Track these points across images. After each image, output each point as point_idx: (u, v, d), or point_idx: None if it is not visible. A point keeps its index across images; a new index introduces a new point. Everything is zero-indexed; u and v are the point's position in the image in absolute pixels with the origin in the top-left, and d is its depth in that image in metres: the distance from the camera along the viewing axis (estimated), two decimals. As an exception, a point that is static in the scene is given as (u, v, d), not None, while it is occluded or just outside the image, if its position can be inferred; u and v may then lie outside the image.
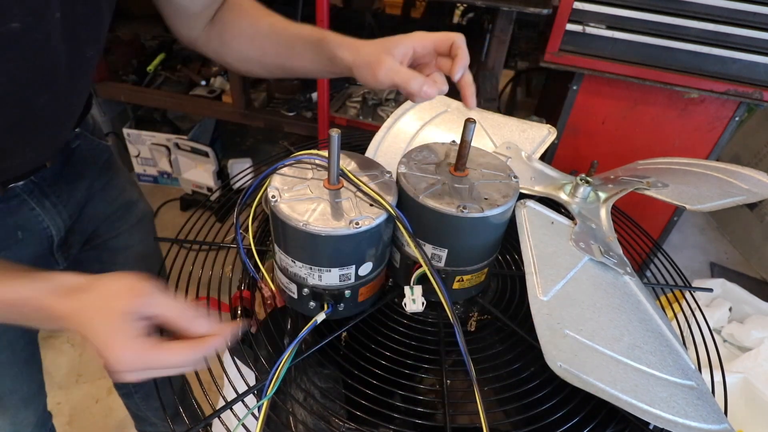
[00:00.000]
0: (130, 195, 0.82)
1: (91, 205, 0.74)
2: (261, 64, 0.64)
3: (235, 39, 0.64)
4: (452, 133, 0.77)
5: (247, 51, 0.64)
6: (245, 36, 0.63)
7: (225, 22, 0.64)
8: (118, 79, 1.88)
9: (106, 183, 0.76)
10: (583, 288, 0.54)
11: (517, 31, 1.97)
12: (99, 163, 0.74)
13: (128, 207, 0.81)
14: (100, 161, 0.74)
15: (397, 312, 0.61)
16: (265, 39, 0.62)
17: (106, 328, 0.39)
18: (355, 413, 0.51)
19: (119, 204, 0.79)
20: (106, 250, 0.80)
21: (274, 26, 0.62)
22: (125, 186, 0.81)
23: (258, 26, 0.63)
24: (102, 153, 0.75)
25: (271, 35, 0.62)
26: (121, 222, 0.80)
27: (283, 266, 0.53)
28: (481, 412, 0.45)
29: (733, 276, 1.99)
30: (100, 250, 0.79)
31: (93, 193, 0.74)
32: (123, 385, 1.01)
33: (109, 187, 0.77)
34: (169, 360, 0.40)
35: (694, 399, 0.46)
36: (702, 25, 1.13)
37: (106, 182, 0.76)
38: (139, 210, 0.84)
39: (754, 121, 2.16)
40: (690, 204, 0.64)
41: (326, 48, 0.57)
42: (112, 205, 0.78)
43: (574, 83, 1.29)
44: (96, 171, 0.73)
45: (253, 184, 0.57)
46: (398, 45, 0.52)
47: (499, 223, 0.54)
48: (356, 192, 0.51)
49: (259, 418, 0.46)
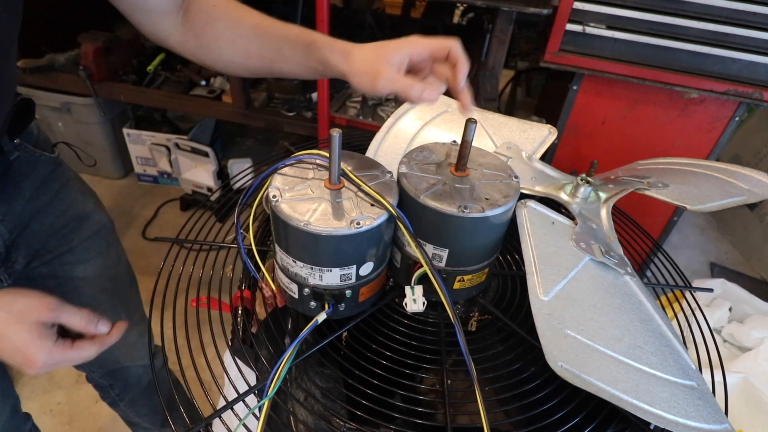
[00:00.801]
0: (82, 207, 0.78)
1: (37, 220, 0.71)
2: (245, 66, 0.62)
3: (214, 42, 0.61)
4: (453, 133, 0.77)
5: (229, 54, 0.61)
6: (225, 39, 0.61)
7: (199, 24, 0.61)
8: (118, 79, 1.88)
9: (53, 196, 0.73)
10: (584, 288, 0.54)
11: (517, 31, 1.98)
12: (42, 176, 0.71)
13: (81, 220, 0.78)
14: (42, 174, 0.71)
15: (398, 312, 0.61)
16: (249, 41, 0.60)
17: (25, 339, 0.50)
18: (355, 413, 0.51)
19: (70, 216, 0.76)
20: (61, 265, 0.77)
21: (258, 28, 0.60)
22: (77, 198, 0.77)
23: (239, 29, 0.60)
24: (45, 165, 0.71)
25: (254, 37, 0.60)
26: (73, 235, 0.77)
27: (284, 266, 0.53)
28: (482, 412, 0.45)
29: (733, 276, 1.99)
30: (54, 265, 0.76)
31: (39, 207, 0.71)
32: (107, 395, 1.00)
33: (56, 201, 0.73)
34: (79, 357, 0.54)
35: (694, 399, 0.46)
36: (702, 25, 1.13)
37: (52, 195, 0.73)
38: (94, 222, 0.81)
39: (754, 121, 2.16)
40: (690, 204, 0.65)
41: (317, 52, 0.56)
42: (61, 218, 0.74)
43: (574, 83, 1.29)
44: (38, 184, 0.70)
45: (254, 183, 0.57)
46: (395, 53, 0.52)
47: (499, 223, 0.54)
48: (357, 192, 0.51)
49: (260, 418, 0.46)
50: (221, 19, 0.61)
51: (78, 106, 1.98)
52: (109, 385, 0.97)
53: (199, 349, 0.54)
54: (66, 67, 1.84)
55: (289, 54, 0.58)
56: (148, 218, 2.08)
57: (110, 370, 0.94)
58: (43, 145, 0.72)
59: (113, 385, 0.97)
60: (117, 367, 0.93)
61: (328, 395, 0.54)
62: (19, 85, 1.98)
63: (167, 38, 0.63)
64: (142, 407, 1.04)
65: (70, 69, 1.83)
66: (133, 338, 0.92)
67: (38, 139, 0.71)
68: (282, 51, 0.59)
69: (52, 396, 1.45)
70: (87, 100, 1.95)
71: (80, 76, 1.77)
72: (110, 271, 0.85)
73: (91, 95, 1.86)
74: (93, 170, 2.24)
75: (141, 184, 2.27)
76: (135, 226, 2.03)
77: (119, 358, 0.92)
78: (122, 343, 0.89)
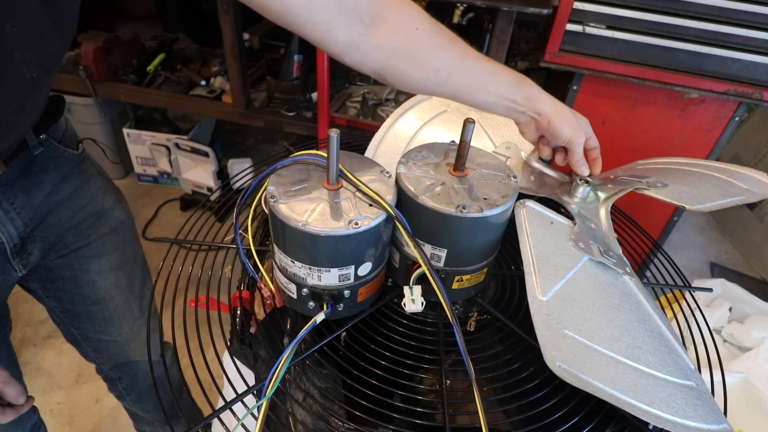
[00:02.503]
0: (102, 203, 0.80)
1: (55, 214, 0.72)
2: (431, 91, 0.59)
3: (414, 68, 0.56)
4: (451, 133, 0.77)
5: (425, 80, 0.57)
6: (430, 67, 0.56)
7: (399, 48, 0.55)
8: (118, 79, 1.89)
9: (73, 192, 0.74)
10: (583, 288, 0.54)
11: (517, 31, 1.97)
12: (64, 171, 0.72)
13: (100, 216, 0.79)
14: (65, 170, 0.72)
15: (397, 312, 0.61)
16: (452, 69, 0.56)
17: None
18: (354, 413, 0.51)
19: (88, 212, 0.77)
20: (78, 258, 0.79)
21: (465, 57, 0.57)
22: (97, 194, 0.79)
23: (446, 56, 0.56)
24: (68, 162, 0.73)
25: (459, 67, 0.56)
26: (90, 231, 0.79)
27: (283, 266, 0.53)
28: (481, 412, 0.45)
29: (733, 276, 1.99)
30: (71, 258, 0.78)
31: (58, 202, 0.72)
32: (114, 387, 1.01)
33: (76, 196, 0.75)
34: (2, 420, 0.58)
35: (693, 399, 0.46)
36: (702, 25, 1.13)
37: (72, 191, 0.74)
38: (114, 218, 0.82)
39: (754, 121, 2.16)
40: (690, 204, 0.64)
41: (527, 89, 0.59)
42: (79, 213, 0.76)
43: (574, 83, 1.29)
44: (59, 179, 0.71)
45: (252, 184, 0.57)
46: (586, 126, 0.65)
47: (498, 223, 0.54)
48: (355, 192, 0.51)
49: (259, 418, 0.46)
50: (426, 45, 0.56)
51: (78, 106, 1.98)
52: (118, 378, 0.99)
53: (198, 349, 0.54)
54: (66, 67, 1.84)
55: (494, 87, 0.58)
56: (148, 218, 2.08)
57: (120, 363, 0.95)
58: (68, 141, 0.73)
59: (121, 378, 0.99)
60: (127, 360, 0.95)
61: (326, 395, 0.53)
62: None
63: (343, 55, 0.55)
64: (148, 402, 1.05)
65: (70, 69, 1.83)
66: (144, 334, 0.93)
67: (65, 134, 0.72)
68: (487, 84, 0.58)
69: (52, 396, 1.46)
70: (87, 100, 1.96)
71: (80, 76, 1.78)
72: (125, 267, 0.86)
73: (91, 95, 1.86)
74: (93, 170, 2.24)
75: (141, 184, 2.27)
76: (135, 226, 2.03)
77: (129, 352, 0.94)
78: (134, 338, 0.92)
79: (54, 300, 0.83)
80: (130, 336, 0.92)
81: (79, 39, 1.78)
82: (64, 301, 0.83)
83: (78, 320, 0.87)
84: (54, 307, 0.85)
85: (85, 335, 0.89)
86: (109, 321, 0.87)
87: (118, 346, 0.92)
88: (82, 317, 0.86)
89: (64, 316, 0.86)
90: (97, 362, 0.96)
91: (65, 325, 0.88)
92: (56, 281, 0.80)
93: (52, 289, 0.82)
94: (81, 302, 0.84)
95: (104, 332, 0.89)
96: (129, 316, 0.90)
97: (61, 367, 1.53)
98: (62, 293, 0.82)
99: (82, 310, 0.85)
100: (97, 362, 0.96)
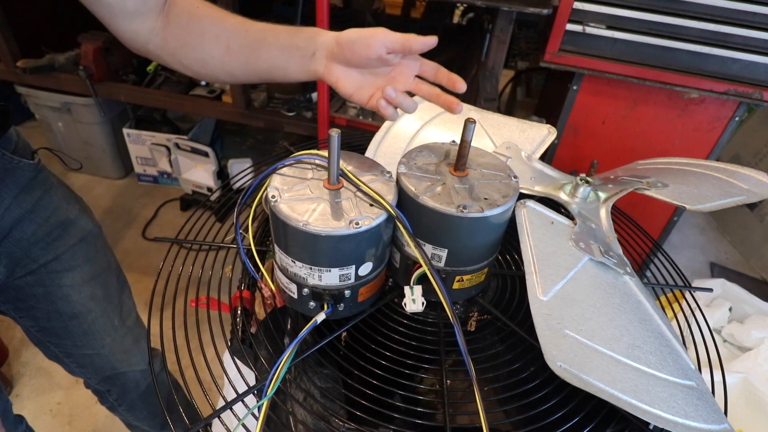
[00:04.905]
0: (66, 214, 0.77)
1: (18, 228, 0.70)
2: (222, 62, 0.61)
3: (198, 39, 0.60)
4: (452, 133, 0.77)
5: (211, 49, 0.60)
6: (209, 34, 0.60)
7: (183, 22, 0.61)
8: (118, 79, 1.88)
9: (35, 203, 0.72)
10: (583, 288, 0.54)
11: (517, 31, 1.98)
12: (21, 183, 0.70)
13: (66, 226, 0.77)
14: (22, 181, 0.70)
15: (397, 312, 0.61)
16: (232, 35, 0.60)
17: None
18: (355, 413, 0.51)
19: (53, 224, 0.75)
20: (48, 274, 0.76)
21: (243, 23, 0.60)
22: (60, 205, 0.76)
23: (224, 24, 0.60)
24: (25, 172, 0.70)
25: (239, 30, 0.60)
26: (58, 243, 0.76)
27: (283, 266, 0.53)
28: (481, 412, 0.45)
29: (733, 276, 1.99)
30: (41, 274, 0.76)
31: (20, 215, 0.70)
32: (105, 400, 0.99)
33: (39, 208, 0.72)
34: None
35: (694, 399, 0.46)
36: (702, 25, 1.13)
37: (34, 203, 0.72)
38: (80, 228, 0.79)
39: (754, 121, 2.16)
40: (690, 204, 0.64)
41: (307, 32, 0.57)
42: (44, 226, 0.73)
43: (574, 83, 1.29)
44: (17, 192, 0.69)
45: (253, 184, 0.57)
46: None
47: (498, 223, 0.54)
48: (356, 192, 0.51)
49: (259, 418, 0.46)
50: (206, 17, 0.60)
51: (78, 106, 1.98)
52: (107, 391, 0.96)
53: (199, 349, 0.54)
54: (66, 67, 1.84)
55: (273, 39, 0.58)
56: (148, 218, 2.08)
57: (107, 376, 0.92)
58: (22, 152, 0.71)
59: (111, 390, 0.96)
60: (114, 372, 0.92)
61: (327, 395, 0.53)
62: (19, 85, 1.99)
63: (146, 43, 0.62)
64: (141, 411, 1.03)
65: (70, 69, 1.83)
66: (128, 344, 0.91)
67: (17, 145, 0.70)
68: (266, 39, 0.59)
69: (51, 396, 1.45)
70: (87, 100, 1.95)
71: (80, 76, 1.77)
72: (100, 277, 0.84)
73: (91, 95, 1.86)
74: (93, 170, 2.25)
75: (141, 184, 2.27)
76: (135, 226, 2.03)
77: (115, 364, 0.91)
78: (117, 349, 0.89)
79: (29, 319, 0.81)
80: (113, 347, 0.88)
81: (79, 39, 1.78)
82: (40, 320, 0.81)
83: (57, 337, 0.84)
84: (30, 327, 0.82)
85: (67, 352, 0.86)
86: (89, 335, 0.85)
87: (102, 359, 0.89)
88: (61, 334, 0.83)
89: (42, 335, 0.83)
90: (84, 377, 0.93)
91: (44, 344, 0.85)
92: (28, 300, 0.78)
93: (25, 309, 0.79)
94: (57, 319, 0.81)
95: (86, 347, 0.86)
96: (110, 327, 0.87)
97: (60, 367, 1.53)
98: (36, 311, 0.79)
99: (60, 327, 0.82)
100: (84, 377, 0.93)
